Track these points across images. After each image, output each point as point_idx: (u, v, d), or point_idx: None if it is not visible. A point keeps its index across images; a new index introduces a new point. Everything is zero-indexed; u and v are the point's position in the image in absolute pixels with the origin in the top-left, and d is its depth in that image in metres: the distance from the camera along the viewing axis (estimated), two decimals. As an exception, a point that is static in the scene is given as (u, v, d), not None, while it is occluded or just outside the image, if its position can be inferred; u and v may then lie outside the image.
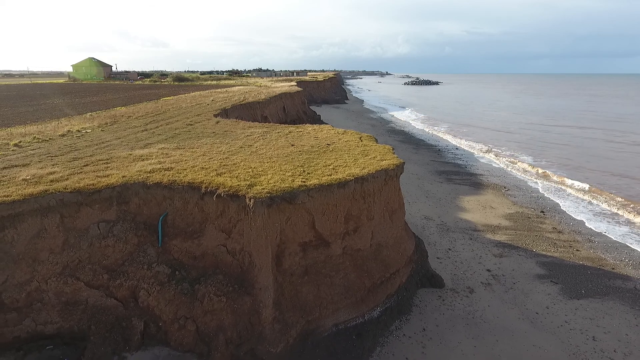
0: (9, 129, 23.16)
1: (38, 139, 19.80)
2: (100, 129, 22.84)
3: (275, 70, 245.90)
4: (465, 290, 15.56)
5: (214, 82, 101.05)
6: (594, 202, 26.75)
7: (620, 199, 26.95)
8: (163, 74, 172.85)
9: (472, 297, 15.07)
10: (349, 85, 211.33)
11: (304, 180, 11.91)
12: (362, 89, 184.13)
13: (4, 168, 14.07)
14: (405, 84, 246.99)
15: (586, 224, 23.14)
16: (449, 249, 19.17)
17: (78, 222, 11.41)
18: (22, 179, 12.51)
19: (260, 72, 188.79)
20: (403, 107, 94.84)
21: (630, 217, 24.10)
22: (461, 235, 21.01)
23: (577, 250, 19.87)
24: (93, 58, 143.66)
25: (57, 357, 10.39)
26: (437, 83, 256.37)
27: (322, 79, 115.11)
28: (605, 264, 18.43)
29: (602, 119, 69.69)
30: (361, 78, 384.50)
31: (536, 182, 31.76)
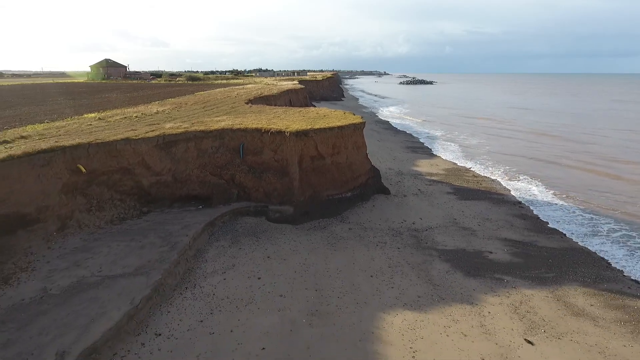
0: (116, 110, 35.15)
1: (144, 114, 31.77)
2: (175, 110, 34.83)
3: (275, 70, 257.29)
4: (401, 195, 27.57)
5: (224, 81, 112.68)
6: (515, 170, 38.80)
7: (534, 171, 38.90)
8: (172, 74, 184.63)
9: (404, 198, 27.07)
10: (346, 84, 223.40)
11: (311, 127, 23.95)
12: (359, 88, 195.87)
13: (150, 124, 26.09)
14: (400, 83, 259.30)
15: (499, 176, 35.10)
16: (399, 182, 31.16)
17: (202, 145, 23.45)
18: (169, 127, 24.54)
19: (262, 72, 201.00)
20: (392, 104, 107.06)
21: (528, 177, 36.22)
22: (409, 176, 33.04)
23: (480, 183, 31.94)
24: (109, 59, 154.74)
25: (197, 205, 22.38)
26: (430, 83, 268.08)
27: (321, 79, 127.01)
28: (493, 189, 30.45)
29: (567, 116, 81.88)
30: (359, 78, 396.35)
31: (478, 155, 43.88)
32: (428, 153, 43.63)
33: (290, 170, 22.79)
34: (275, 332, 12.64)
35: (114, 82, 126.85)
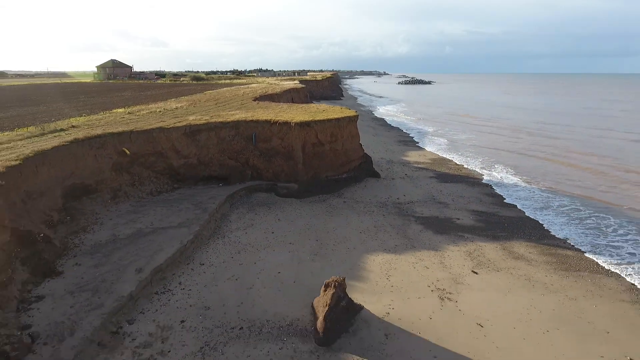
0: (140, 106, 39.60)
1: (166, 109, 36.22)
2: (192, 106, 39.28)
3: (274, 70, 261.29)
4: (390, 179, 32.03)
5: (228, 81, 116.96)
6: (492, 160, 43.35)
7: (508, 161, 43.48)
8: (176, 74, 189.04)
9: (392, 181, 31.52)
10: (345, 84, 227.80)
11: (313, 119, 28.44)
12: (358, 88, 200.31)
13: (175, 117, 30.56)
14: (399, 83, 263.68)
15: (477, 164, 39.60)
16: (388, 168, 35.63)
17: (221, 134, 27.96)
18: (192, 119, 29.03)
19: (263, 73, 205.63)
20: (389, 103, 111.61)
21: (501, 166, 40.76)
22: (398, 164, 37.51)
23: (460, 170, 36.44)
24: (115, 60, 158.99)
25: (218, 183, 26.86)
26: (429, 83, 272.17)
27: (321, 79, 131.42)
28: (470, 175, 34.91)
29: (544, 113, 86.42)
30: (358, 78, 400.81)
31: (462, 148, 48.40)
32: (418, 146, 48.12)
33: (295, 154, 27.30)
34: (287, 264, 17.15)
35: (121, 82, 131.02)
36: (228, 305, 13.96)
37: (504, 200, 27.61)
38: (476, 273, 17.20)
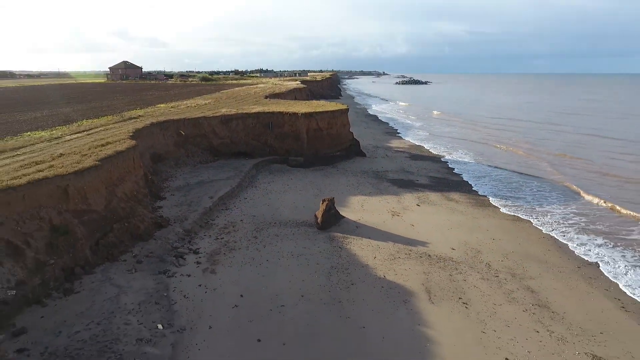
0: (176, 102, 49.37)
1: (198, 105, 46.01)
2: (217, 102, 49.05)
3: (274, 70, 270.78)
4: (373, 157, 41.84)
5: (235, 82, 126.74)
6: (457, 147, 53.23)
7: (467, 147, 53.36)
8: (183, 75, 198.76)
9: (375, 159, 41.29)
10: (344, 84, 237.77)
11: (314, 110, 38.29)
12: (357, 88, 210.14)
13: (210, 110, 40.39)
14: (396, 83, 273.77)
15: (443, 150, 49.41)
16: (374, 150, 45.45)
17: (246, 122, 37.84)
18: (224, 111, 38.89)
19: (266, 73, 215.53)
20: (383, 102, 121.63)
21: (462, 150, 50.68)
22: (382, 148, 47.34)
23: (429, 153, 46.33)
24: (127, 61, 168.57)
25: (243, 157, 36.72)
26: (425, 83, 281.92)
27: (321, 79, 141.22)
28: (435, 156, 44.69)
29: (515, 110, 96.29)
30: (357, 78, 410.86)
31: (436, 138, 58.31)
32: (400, 136, 58.02)
33: (301, 137, 37.20)
34: (299, 200, 27.04)
35: (133, 82, 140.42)
36: (265, 215, 23.89)
37: (454, 171, 37.53)
38: (419, 205, 27.09)
